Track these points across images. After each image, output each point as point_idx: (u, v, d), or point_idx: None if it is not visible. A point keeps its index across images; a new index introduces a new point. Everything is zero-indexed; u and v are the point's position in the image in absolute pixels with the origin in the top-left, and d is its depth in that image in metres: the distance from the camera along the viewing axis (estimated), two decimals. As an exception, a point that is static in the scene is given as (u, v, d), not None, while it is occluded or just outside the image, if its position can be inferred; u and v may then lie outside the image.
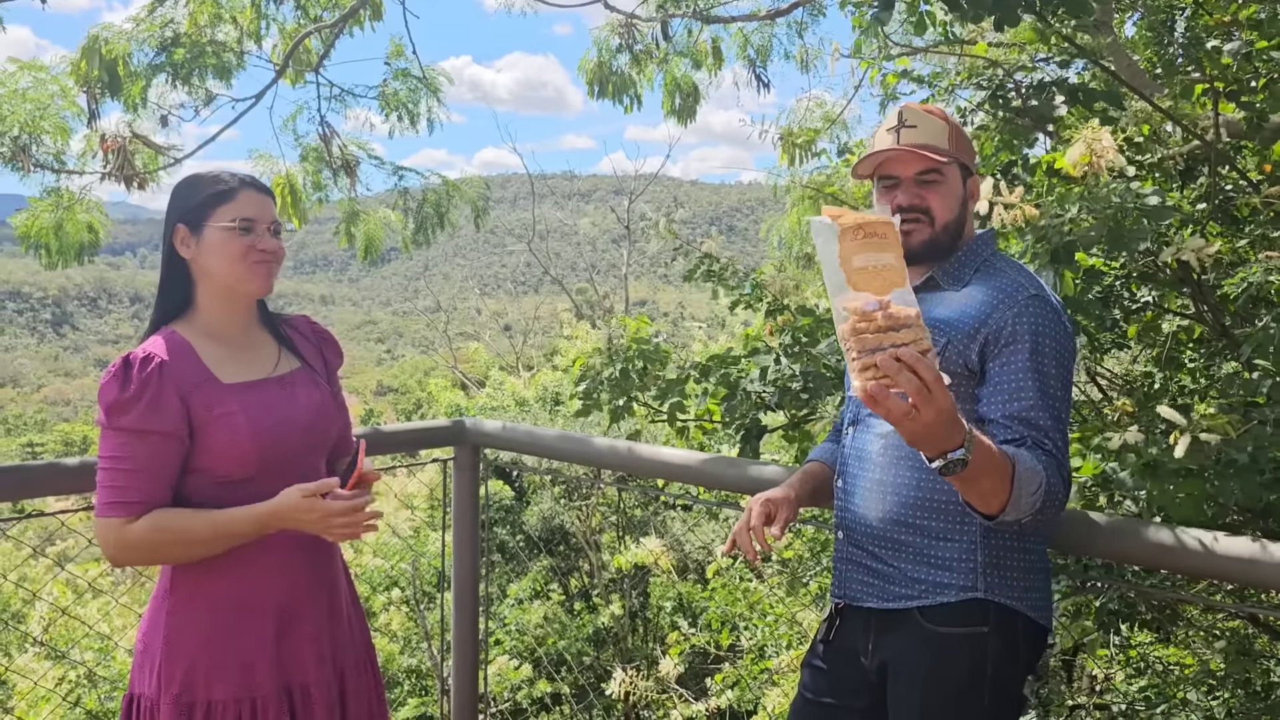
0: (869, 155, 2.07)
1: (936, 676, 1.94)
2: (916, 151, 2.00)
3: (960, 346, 1.94)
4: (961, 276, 2.04)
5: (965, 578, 1.94)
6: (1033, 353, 1.90)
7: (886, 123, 2.09)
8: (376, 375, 62.98)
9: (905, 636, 1.98)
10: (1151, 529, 2.09)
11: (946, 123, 2.08)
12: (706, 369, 3.61)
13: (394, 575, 9.87)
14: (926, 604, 1.95)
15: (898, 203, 2.03)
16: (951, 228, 2.04)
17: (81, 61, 5.32)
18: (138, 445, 1.92)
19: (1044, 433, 1.86)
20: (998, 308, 1.93)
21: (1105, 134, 2.52)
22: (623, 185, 20.66)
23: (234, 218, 2.02)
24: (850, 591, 2.07)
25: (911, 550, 1.97)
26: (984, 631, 1.93)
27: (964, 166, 2.07)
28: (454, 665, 3.57)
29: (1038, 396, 1.87)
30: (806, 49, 6.83)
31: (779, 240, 7.35)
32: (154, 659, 2.00)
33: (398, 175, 6.69)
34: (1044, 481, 1.78)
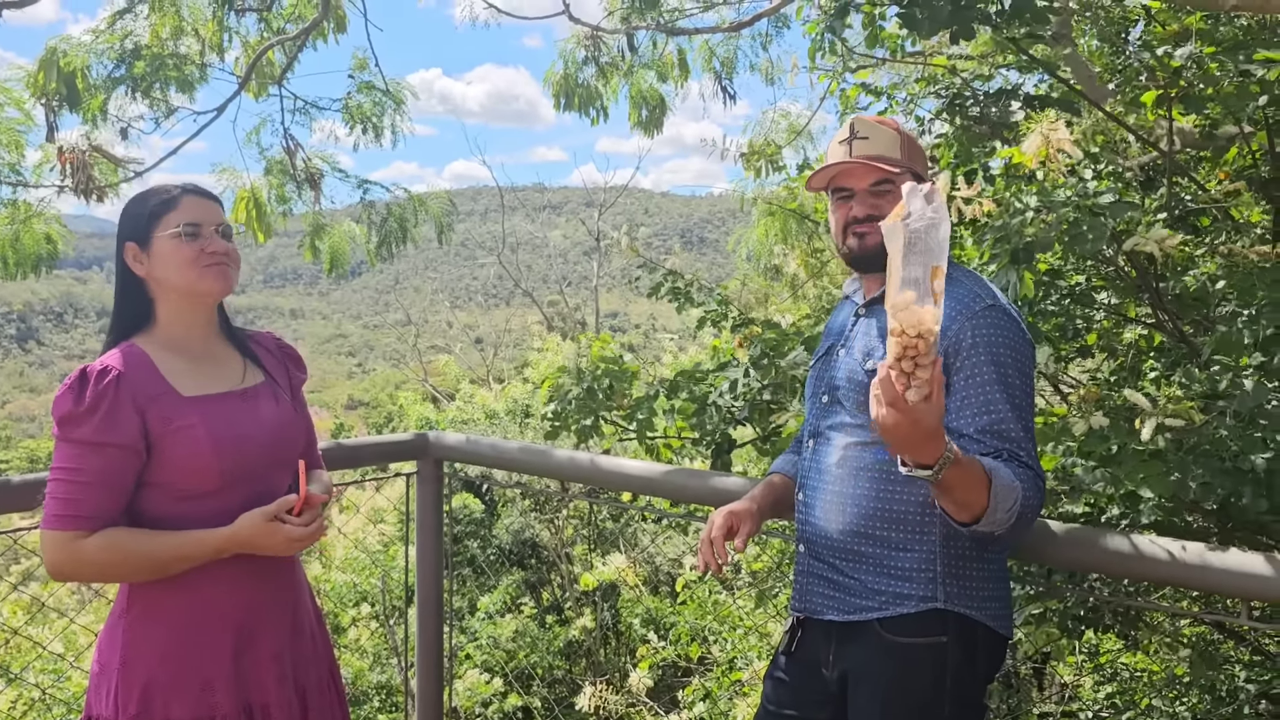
0: (822, 169, 2.12)
1: (898, 688, 1.94)
2: (869, 164, 2.04)
3: None
4: None
5: (925, 588, 1.94)
6: (994, 363, 1.92)
7: (838, 135, 2.13)
8: (347, 389, 62.56)
9: (866, 647, 1.98)
10: (1111, 537, 2.10)
11: (898, 133, 2.11)
12: (675, 385, 3.61)
13: (363, 590, 9.77)
14: (886, 615, 1.95)
15: (853, 214, 2.08)
16: None
17: (39, 74, 5.25)
18: (92, 458, 1.88)
19: (1017, 444, 1.88)
20: (955, 319, 1.95)
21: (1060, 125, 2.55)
22: (593, 197, 20.74)
23: (179, 224, 2.00)
24: (811, 604, 2.08)
25: (871, 561, 1.98)
26: (944, 641, 1.94)
27: (917, 176, 2.09)
28: (419, 680, 3.54)
29: (1007, 408, 1.89)
30: (771, 61, 6.88)
31: (747, 253, 7.38)
32: (110, 679, 1.97)
33: (362, 189, 6.66)
34: (1019, 496, 1.79)
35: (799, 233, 6.38)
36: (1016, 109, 3.23)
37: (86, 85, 5.35)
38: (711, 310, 4.15)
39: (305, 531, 2.02)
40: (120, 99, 5.57)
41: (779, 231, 6.54)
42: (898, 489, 1.96)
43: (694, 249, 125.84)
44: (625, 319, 69.18)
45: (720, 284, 4.37)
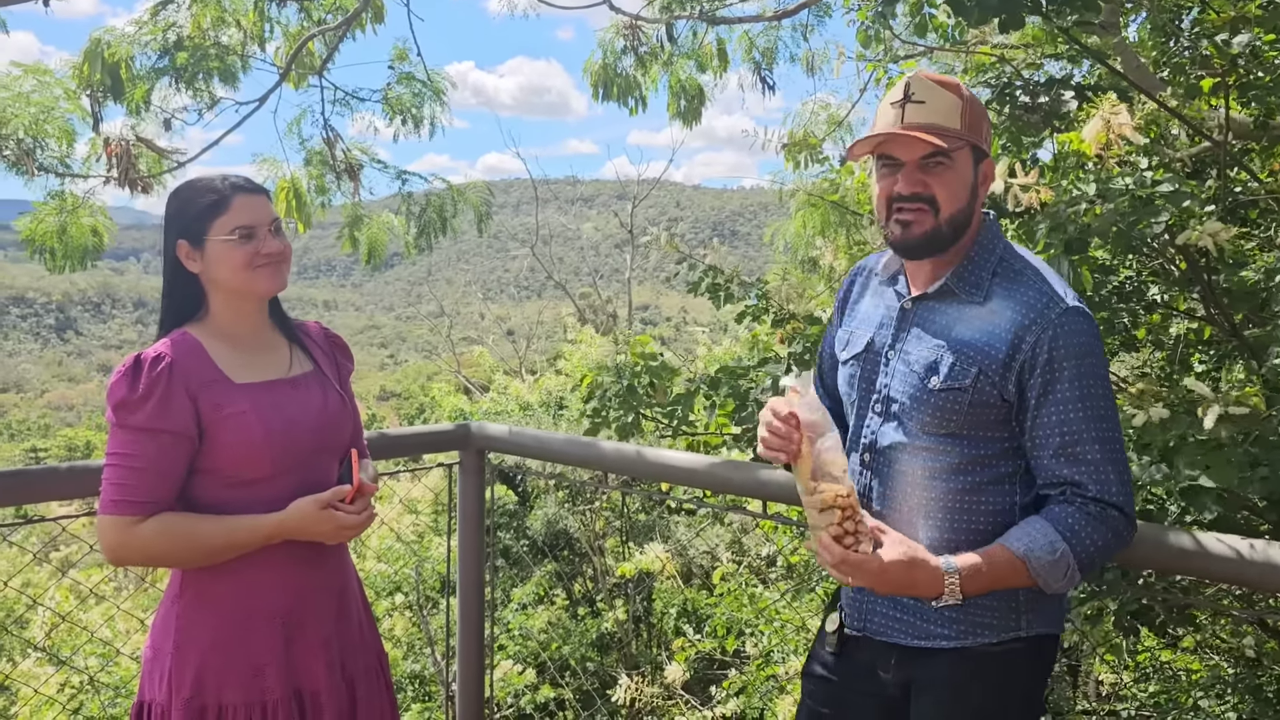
0: (866, 137, 1.85)
1: (969, 695, 1.88)
2: (920, 136, 1.76)
3: (994, 377, 1.78)
4: (980, 283, 1.85)
5: (1008, 619, 1.86)
6: (1077, 379, 1.75)
7: (891, 95, 1.86)
8: (380, 380, 62.94)
9: (937, 663, 1.90)
10: (1172, 534, 2.06)
11: (960, 97, 1.83)
12: (716, 381, 3.58)
13: (398, 580, 9.84)
14: (967, 644, 1.87)
15: (897, 190, 1.82)
16: (958, 219, 1.83)
17: (84, 65, 5.30)
18: (146, 444, 1.91)
19: (1093, 468, 1.74)
20: (1030, 329, 1.76)
21: (1123, 109, 2.47)
22: (626, 190, 20.71)
23: (233, 228, 2.01)
24: (872, 625, 1.97)
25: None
26: (1019, 651, 1.88)
27: (976, 149, 1.84)
28: (459, 670, 3.55)
29: (1085, 428, 1.75)
30: (812, 52, 6.81)
31: (784, 245, 7.33)
32: (164, 664, 1.99)
33: (401, 180, 6.67)
34: (1070, 561, 1.71)
35: (839, 224, 6.32)
36: (1069, 98, 3.17)
37: (130, 76, 5.40)
38: (752, 305, 4.12)
39: (356, 519, 2.04)
40: (163, 90, 5.62)
41: (818, 224, 6.48)
42: (971, 518, 1.83)
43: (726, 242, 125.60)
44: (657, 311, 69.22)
45: (759, 278, 4.33)
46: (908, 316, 1.93)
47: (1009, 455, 1.84)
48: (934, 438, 1.83)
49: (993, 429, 1.82)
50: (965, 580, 1.70)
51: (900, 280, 1.99)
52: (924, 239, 1.83)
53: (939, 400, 1.81)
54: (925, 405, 1.83)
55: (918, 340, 1.88)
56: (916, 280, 1.95)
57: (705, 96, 6.93)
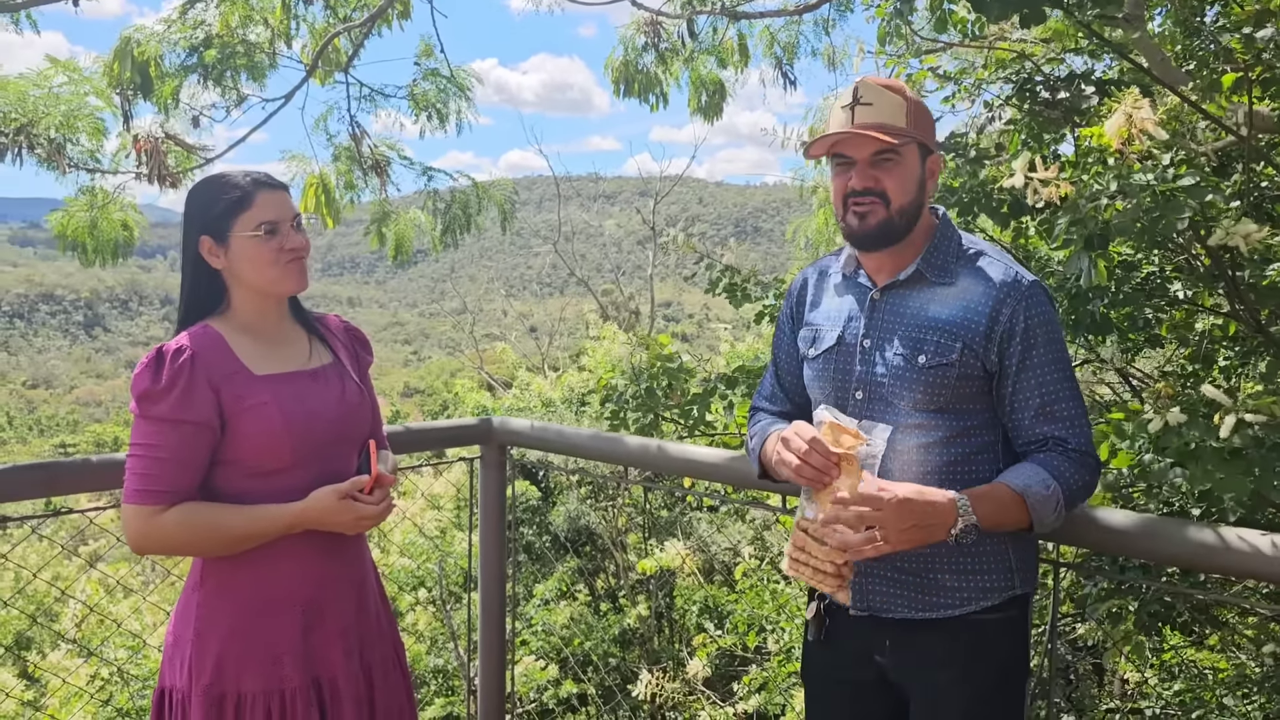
0: (821, 137, 1.98)
1: (979, 665, 1.96)
2: (869, 134, 1.90)
3: (977, 349, 1.91)
4: (948, 267, 1.99)
5: (1003, 578, 1.97)
6: (1049, 344, 1.92)
7: (841, 99, 1.99)
8: (403, 376, 63.26)
9: (939, 634, 1.97)
10: (1193, 529, 2.04)
11: (904, 98, 1.97)
12: (733, 380, 3.58)
13: (420, 575, 9.89)
14: (971, 610, 1.96)
15: (851, 185, 1.96)
16: (908, 210, 1.96)
17: (114, 63, 5.36)
18: (169, 434, 1.94)
19: (1069, 422, 1.91)
20: (1005, 301, 1.91)
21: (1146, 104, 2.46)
22: (648, 187, 20.67)
23: (257, 224, 2.03)
24: (873, 603, 2.02)
25: (947, 560, 1.95)
26: (1015, 615, 2.00)
27: (922, 145, 1.99)
28: (481, 665, 3.57)
29: (1060, 387, 1.92)
30: (833, 46, 6.77)
31: (805, 241, 7.31)
32: (184, 651, 2.02)
33: (426, 176, 6.69)
34: (1060, 497, 1.85)
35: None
36: (1090, 93, 3.15)
37: (159, 74, 5.45)
38: (769, 305, 4.12)
39: (375, 509, 2.07)
40: (192, 87, 5.67)
41: (839, 220, 6.45)
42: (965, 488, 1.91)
43: (748, 238, 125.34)
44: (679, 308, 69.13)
45: (776, 277, 4.32)
46: (878, 306, 2.03)
47: (990, 426, 1.98)
48: (924, 414, 1.94)
49: (974, 401, 1.96)
50: (974, 501, 1.81)
51: (861, 275, 2.09)
52: (878, 229, 1.95)
53: (928, 377, 1.93)
54: (915, 383, 1.94)
55: (895, 325, 2.00)
56: (879, 273, 2.06)
57: (726, 92, 6.91)
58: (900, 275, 2.01)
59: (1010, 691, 2.00)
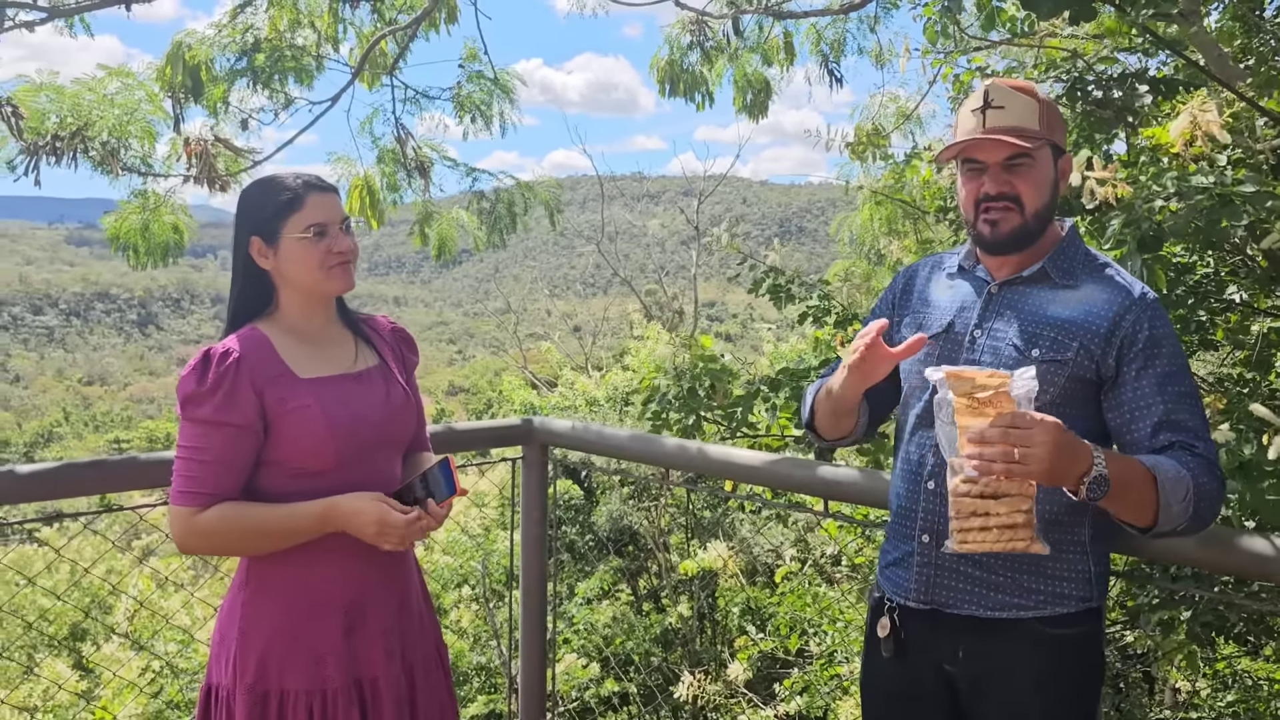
0: (953, 144, 1.97)
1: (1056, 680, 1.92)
2: (1003, 139, 1.89)
3: (1095, 351, 1.89)
4: (1073, 271, 1.97)
5: (1082, 588, 1.93)
6: (1174, 356, 1.88)
7: (971, 102, 1.98)
8: (448, 375, 63.77)
9: (1013, 641, 1.93)
10: (1246, 537, 2.01)
11: (1037, 100, 1.96)
12: (777, 383, 3.56)
13: (464, 573, 9.95)
14: (1046, 614, 1.91)
15: (984, 190, 1.94)
16: (1042, 214, 1.96)
17: (166, 68, 5.47)
18: (213, 436, 1.96)
19: (1193, 433, 1.85)
20: (1130, 309, 1.89)
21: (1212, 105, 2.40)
22: (692, 186, 20.64)
23: (306, 225, 2.05)
24: (940, 597, 1.98)
25: (1025, 560, 1.91)
26: (1093, 630, 1.95)
27: (1055, 146, 1.97)
28: (522, 663, 3.58)
29: (1185, 399, 1.86)
30: (880, 44, 6.71)
31: (850, 237, 7.26)
32: (229, 649, 2.05)
33: (471, 177, 6.73)
34: (1190, 486, 1.76)
35: (904, 219, 6.24)
36: (1143, 92, 3.08)
37: (210, 78, 5.55)
38: (813, 306, 4.09)
39: (408, 527, 1.99)
40: (241, 91, 5.76)
41: (884, 220, 6.41)
42: (1052, 493, 1.89)
43: (793, 238, 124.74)
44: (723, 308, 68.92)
45: (821, 278, 4.29)
46: (994, 300, 2.01)
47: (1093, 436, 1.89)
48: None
49: (1078, 406, 1.91)
50: (1108, 457, 1.72)
51: (980, 269, 2.07)
52: (1012, 236, 1.94)
53: (1040, 370, 1.86)
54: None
55: (1011, 319, 1.97)
56: (1000, 270, 2.03)
57: (772, 90, 6.87)
58: (1024, 272, 1.99)
59: (1085, 708, 1.96)
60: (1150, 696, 6.10)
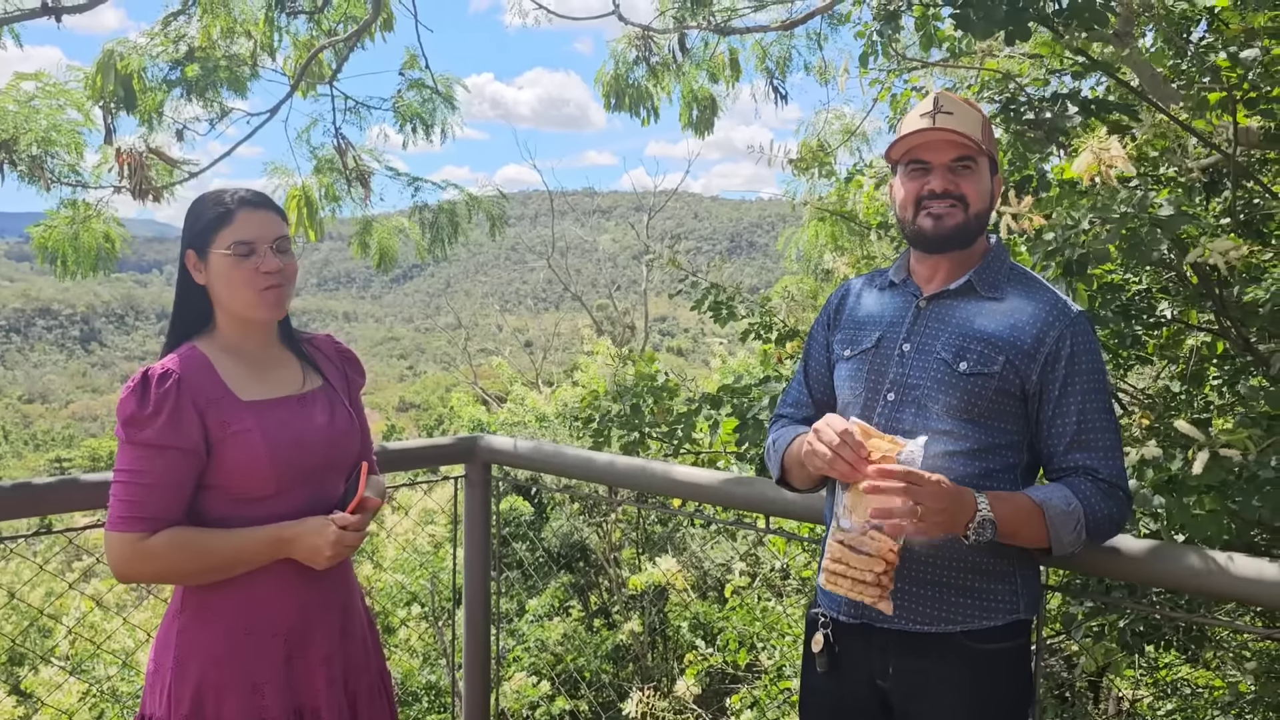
0: (903, 137, 2.00)
1: (985, 694, 1.94)
2: (953, 137, 1.95)
3: (1021, 366, 1.92)
4: (997, 284, 2.01)
5: (1009, 601, 1.96)
6: (1093, 374, 1.92)
7: (920, 108, 2.02)
8: (399, 391, 63.29)
9: (943, 657, 1.95)
10: (1175, 551, 2.04)
11: (980, 115, 2.02)
12: (717, 400, 3.57)
13: (413, 591, 9.85)
14: (973, 628, 1.94)
15: (929, 187, 1.97)
16: (982, 218, 2.00)
17: (97, 77, 5.35)
18: (155, 460, 1.90)
19: (1102, 455, 1.90)
20: (1054, 325, 1.92)
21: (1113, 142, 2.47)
22: (643, 202, 20.68)
23: (232, 242, 1.99)
24: (870, 613, 1.99)
25: (954, 575, 1.94)
26: (1022, 644, 1.98)
27: (993, 161, 2.03)
28: (465, 682, 3.54)
29: (1099, 417, 1.91)
30: (825, 61, 6.78)
31: (797, 252, 7.30)
32: (164, 679, 1.99)
33: (414, 187, 6.68)
34: (1081, 518, 1.84)
35: (849, 235, 6.30)
36: (1073, 113, 3.14)
37: (143, 88, 5.45)
38: (755, 323, 4.11)
39: (352, 537, 2.01)
40: (175, 101, 5.67)
41: (829, 235, 6.46)
42: None
43: (744, 253, 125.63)
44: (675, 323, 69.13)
45: (761, 294, 4.31)
46: (923, 313, 2.04)
47: (1016, 448, 1.97)
48: (956, 421, 1.93)
49: (1006, 419, 1.95)
50: (993, 501, 1.80)
51: (910, 283, 2.10)
52: (955, 231, 1.97)
53: (967, 384, 1.92)
54: (952, 389, 1.94)
55: (938, 332, 2.00)
56: (930, 283, 2.07)
57: (718, 107, 6.91)
58: (951, 285, 2.02)
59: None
60: (1096, 705, 6.17)
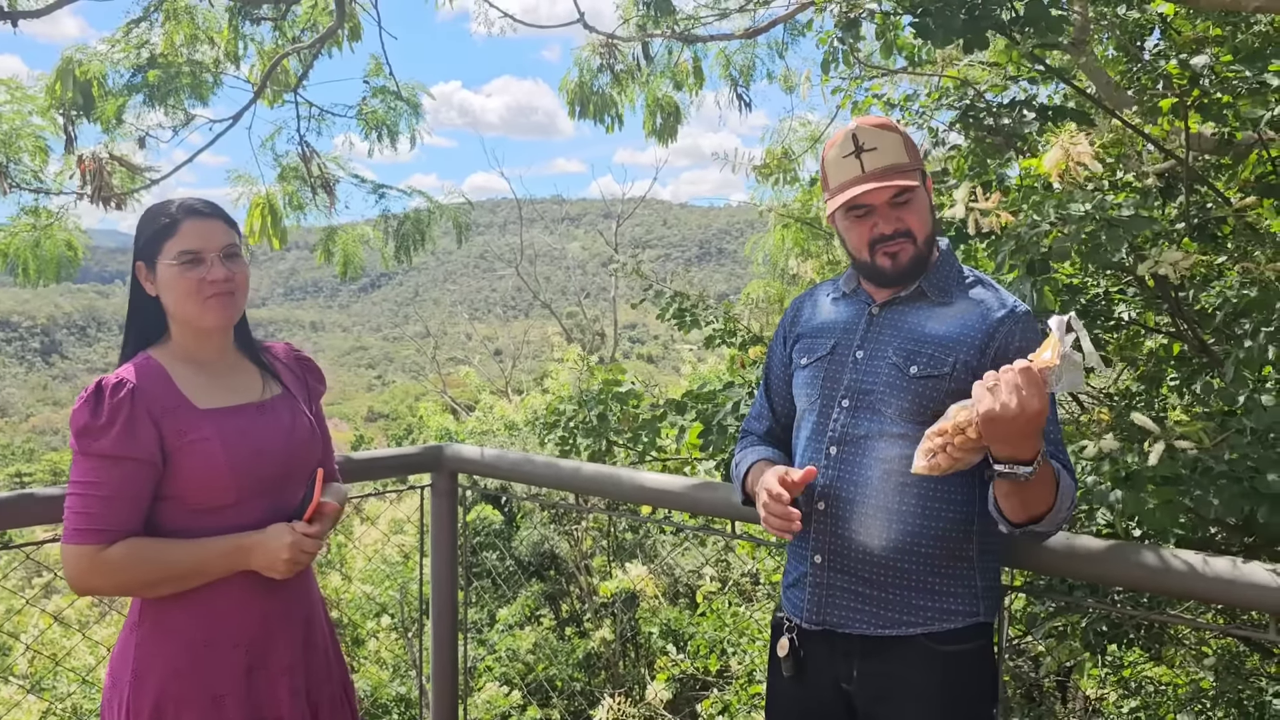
0: (836, 192, 2.02)
1: (950, 695, 1.96)
2: (887, 179, 1.97)
3: (972, 363, 1.95)
4: (946, 289, 2.05)
5: (969, 604, 1.98)
6: None
7: (840, 148, 2.03)
8: (367, 401, 62.81)
9: (905, 659, 1.97)
10: (1134, 550, 2.07)
11: (899, 133, 2.04)
12: (682, 406, 3.59)
13: (382, 602, 9.80)
14: (933, 630, 1.96)
15: (878, 232, 2.00)
16: (930, 239, 2.05)
17: (56, 83, 5.30)
18: (110, 471, 1.88)
19: (1056, 445, 1.93)
20: (1003, 322, 1.97)
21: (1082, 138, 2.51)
22: (612, 209, 20.73)
23: (178, 252, 1.97)
24: (832, 617, 2.01)
25: (913, 577, 1.96)
26: (984, 645, 2.00)
27: (922, 173, 2.05)
28: (433, 693, 3.52)
29: (1050, 412, 1.89)
30: (789, 69, 6.84)
31: (764, 257, 7.36)
32: (122, 693, 1.96)
33: (378, 194, 6.66)
34: (1073, 495, 1.88)
35: (813, 239, 6.36)
36: (1030, 119, 3.19)
37: (103, 94, 5.40)
38: (718, 329, 4.15)
39: (311, 543, 2.00)
40: (137, 108, 5.62)
41: (795, 240, 6.52)
42: (942, 505, 1.95)
43: (713, 259, 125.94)
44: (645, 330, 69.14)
45: (726, 301, 4.35)
46: (875, 320, 2.07)
47: None
48: (910, 424, 1.95)
49: None
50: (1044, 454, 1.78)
51: (861, 292, 2.14)
52: (911, 264, 2.01)
53: (918, 387, 1.95)
54: (905, 392, 1.97)
55: (890, 337, 2.04)
56: (880, 292, 2.10)
57: (681, 114, 6.96)
58: (902, 293, 2.06)
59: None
60: (1064, 704, 6.24)
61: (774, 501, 1.93)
